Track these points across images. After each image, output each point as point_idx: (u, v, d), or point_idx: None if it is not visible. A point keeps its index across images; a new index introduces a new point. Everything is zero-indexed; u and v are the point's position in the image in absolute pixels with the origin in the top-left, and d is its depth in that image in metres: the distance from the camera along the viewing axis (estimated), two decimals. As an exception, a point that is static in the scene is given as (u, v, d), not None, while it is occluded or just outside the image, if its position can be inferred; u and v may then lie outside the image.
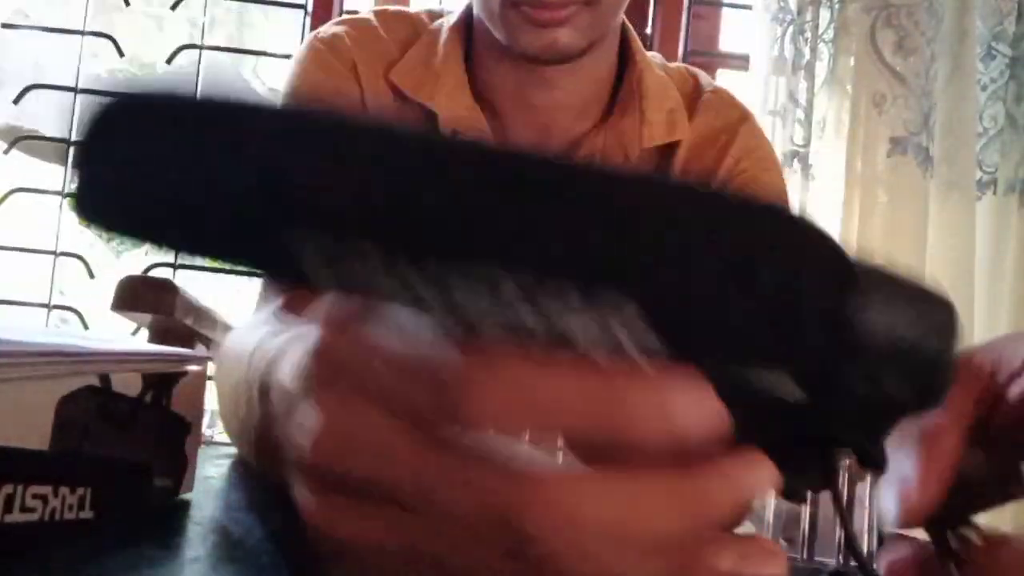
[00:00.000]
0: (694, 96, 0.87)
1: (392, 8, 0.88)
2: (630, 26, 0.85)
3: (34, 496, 0.35)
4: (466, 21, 0.84)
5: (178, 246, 0.21)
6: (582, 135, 0.83)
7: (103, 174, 0.21)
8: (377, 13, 0.86)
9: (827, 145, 1.48)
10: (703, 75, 0.90)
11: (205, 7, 1.94)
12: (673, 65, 0.90)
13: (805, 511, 0.46)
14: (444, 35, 0.83)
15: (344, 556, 0.24)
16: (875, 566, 0.31)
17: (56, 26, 2.04)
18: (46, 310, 1.81)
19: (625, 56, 0.84)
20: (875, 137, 1.47)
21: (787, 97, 1.49)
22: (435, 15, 0.87)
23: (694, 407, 0.22)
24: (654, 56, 0.88)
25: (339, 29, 0.85)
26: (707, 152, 0.84)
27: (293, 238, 0.20)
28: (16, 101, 1.81)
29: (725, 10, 1.72)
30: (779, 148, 1.48)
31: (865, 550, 0.39)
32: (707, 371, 0.21)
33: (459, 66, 0.82)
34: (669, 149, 0.83)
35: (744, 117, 0.87)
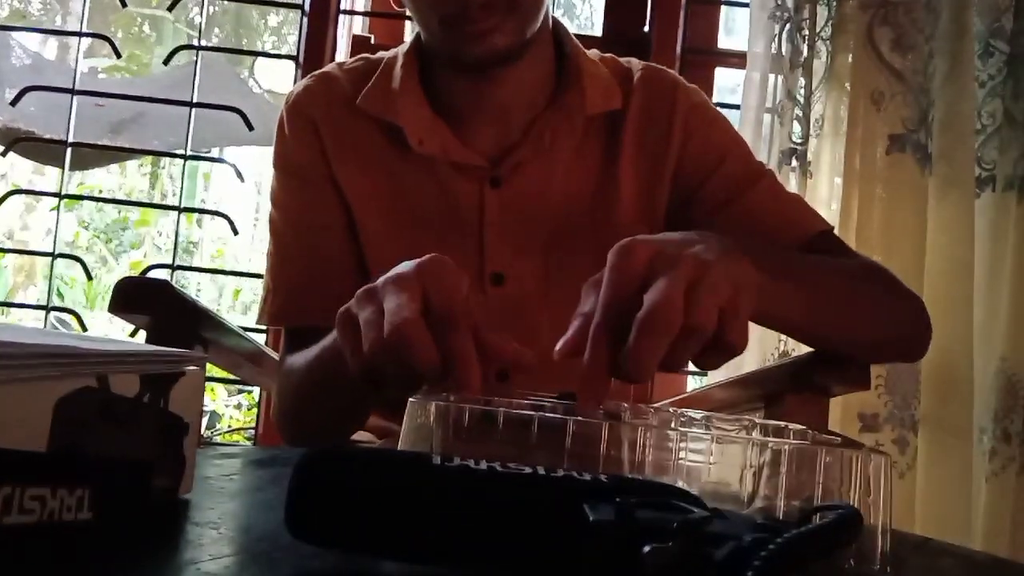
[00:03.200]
0: (627, 76, 0.99)
1: (352, 58, 1.05)
2: (561, 23, 1.00)
3: (32, 497, 0.35)
4: (418, 44, 0.98)
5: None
6: (534, 117, 0.95)
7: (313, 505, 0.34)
8: (339, 64, 1.03)
9: (825, 142, 1.48)
10: (634, 60, 1.03)
11: (202, 8, 1.94)
12: (607, 55, 1.03)
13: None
14: (400, 60, 0.97)
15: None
16: None
17: (53, 27, 2.04)
18: (44, 311, 1.81)
19: (561, 48, 0.98)
20: (873, 134, 1.47)
21: (785, 95, 1.49)
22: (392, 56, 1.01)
23: None
24: (593, 52, 1.01)
25: (300, 88, 1.01)
26: (656, 122, 0.97)
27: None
28: (14, 103, 1.80)
29: (723, 8, 1.72)
30: (777, 146, 1.49)
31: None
32: None
33: (416, 84, 0.95)
34: (613, 120, 0.97)
35: (675, 83, 1.01)
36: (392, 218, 0.97)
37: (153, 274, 1.81)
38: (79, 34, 1.81)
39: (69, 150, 1.78)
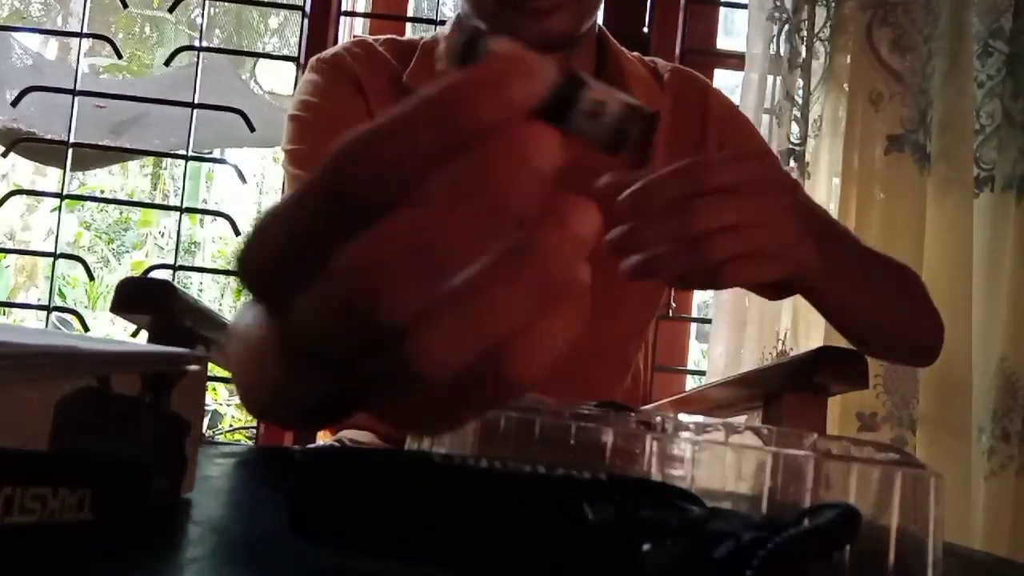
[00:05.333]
0: (656, 77, 0.98)
1: (381, 36, 1.00)
2: (600, 24, 0.99)
3: (33, 497, 0.35)
4: (460, 27, 0.94)
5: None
6: None
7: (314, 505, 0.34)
8: (374, 38, 0.97)
9: (824, 143, 1.48)
10: (659, 60, 1.02)
11: (203, 9, 1.94)
12: (635, 54, 1.01)
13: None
14: (442, 44, 0.93)
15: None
16: None
17: (54, 28, 2.04)
18: (46, 311, 1.81)
19: (602, 46, 0.96)
20: (872, 135, 1.47)
21: (783, 95, 1.49)
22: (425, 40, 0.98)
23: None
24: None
25: (339, 49, 0.95)
26: (688, 125, 0.96)
27: None
28: (15, 103, 1.81)
29: (721, 9, 1.72)
30: (775, 146, 1.48)
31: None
32: None
33: (458, 68, 0.87)
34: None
35: (706, 86, 1.00)
36: None
37: (155, 274, 1.81)
38: (80, 35, 1.82)
39: (70, 151, 1.78)
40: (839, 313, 0.88)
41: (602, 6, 0.91)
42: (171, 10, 1.84)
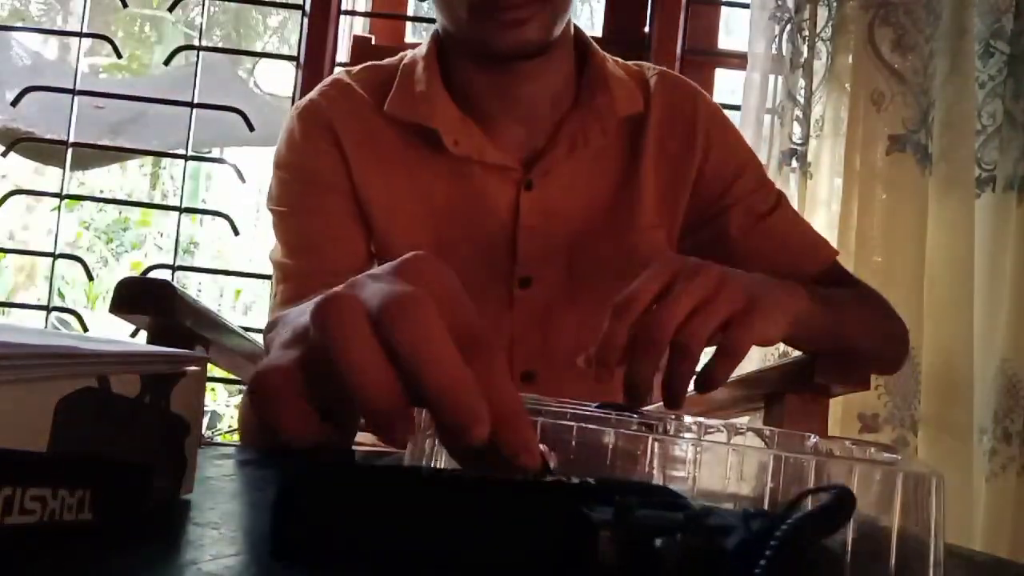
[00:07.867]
0: (643, 79, 1.00)
1: (360, 65, 1.02)
2: (581, 29, 1.00)
3: (33, 498, 0.35)
4: (437, 45, 0.97)
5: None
6: (561, 119, 0.96)
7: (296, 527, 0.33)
8: (347, 71, 1.01)
9: (825, 143, 1.48)
10: (643, 63, 1.05)
11: (203, 8, 1.94)
12: (617, 59, 1.03)
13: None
14: (420, 64, 0.95)
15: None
16: None
17: (54, 27, 2.04)
18: (45, 311, 1.81)
19: (583, 51, 0.98)
20: (874, 135, 1.47)
21: (785, 95, 1.49)
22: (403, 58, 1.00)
23: None
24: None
25: (315, 95, 0.98)
26: (678, 127, 0.98)
27: None
28: (14, 103, 1.80)
29: (723, 8, 1.72)
30: (777, 146, 1.49)
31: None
32: None
33: (441, 87, 0.94)
34: (636, 124, 0.98)
35: (695, 90, 1.02)
36: (420, 222, 0.96)
37: (154, 274, 1.81)
38: (80, 34, 1.81)
39: (70, 150, 1.78)
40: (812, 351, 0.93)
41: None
42: (171, 10, 1.84)
